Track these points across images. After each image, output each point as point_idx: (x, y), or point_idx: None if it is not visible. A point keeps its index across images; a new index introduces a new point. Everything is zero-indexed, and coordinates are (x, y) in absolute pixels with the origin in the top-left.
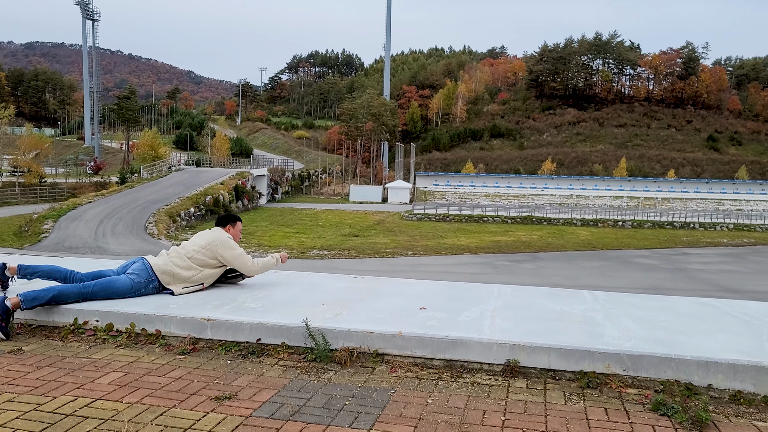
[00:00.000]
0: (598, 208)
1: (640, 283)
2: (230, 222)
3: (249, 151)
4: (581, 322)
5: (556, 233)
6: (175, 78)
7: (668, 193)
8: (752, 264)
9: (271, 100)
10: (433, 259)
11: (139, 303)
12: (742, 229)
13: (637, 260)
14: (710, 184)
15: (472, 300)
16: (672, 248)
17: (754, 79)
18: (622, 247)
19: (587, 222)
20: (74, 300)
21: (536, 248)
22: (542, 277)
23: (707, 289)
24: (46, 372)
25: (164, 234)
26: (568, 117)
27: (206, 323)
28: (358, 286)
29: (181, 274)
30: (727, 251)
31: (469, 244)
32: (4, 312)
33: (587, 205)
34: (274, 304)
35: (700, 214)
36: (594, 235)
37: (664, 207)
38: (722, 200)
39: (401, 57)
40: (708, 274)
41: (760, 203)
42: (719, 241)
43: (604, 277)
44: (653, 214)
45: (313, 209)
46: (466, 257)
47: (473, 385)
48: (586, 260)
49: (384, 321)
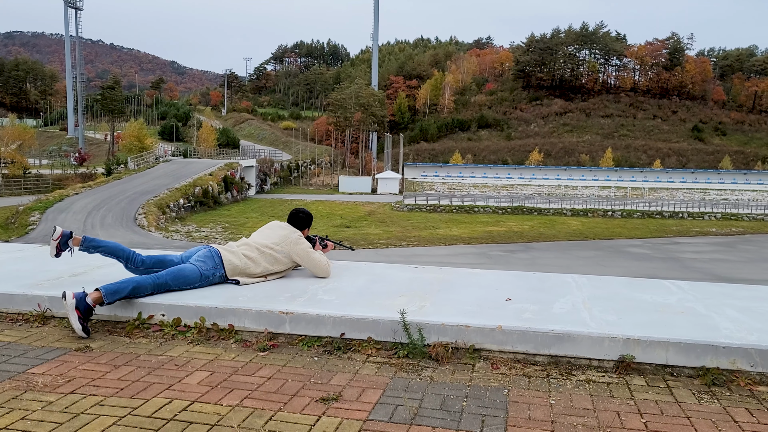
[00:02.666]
0: (587, 198)
1: (635, 273)
2: (306, 227)
3: (236, 142)
4: (685, 314)
5: (547, 223)
6: (158, 68)
7: (655, 183)
8: (743, 253)
9: (256, 91)
10: (427, 250)
11: (207, 296)
12: (730, 218)
13: (630, 249)
14: (696, 174)
15: (552, 290)
16: (663, 237)
17: (738, 69)
18: (614, 237)
19: (577, 212)
20: (150, 292)
21: (529, 238)
22: (538, 267)
23: (703, 279)
24: (125, 371)
25: (154, 226)
26: (554, 107)
27: (285, 317)
28: (425, 276)
29: (251, 267)
30: (718, 240)
31: (462, 235)
32: (86, 310)
33: (575, 195)
34: (349, 296)
35: (688, 203)
36: (585, 224)
37: (651, 197)
38: (708, 190)
39: (387, 47)
40: (701, 263)
41: (744, 193)
42: (708, 230)
43: (599, 267)
44: (642, 203)
45: (303, 200)
46: (460, 248)
47: (589, 384)
48: (580, 250)
49: (475, 314)
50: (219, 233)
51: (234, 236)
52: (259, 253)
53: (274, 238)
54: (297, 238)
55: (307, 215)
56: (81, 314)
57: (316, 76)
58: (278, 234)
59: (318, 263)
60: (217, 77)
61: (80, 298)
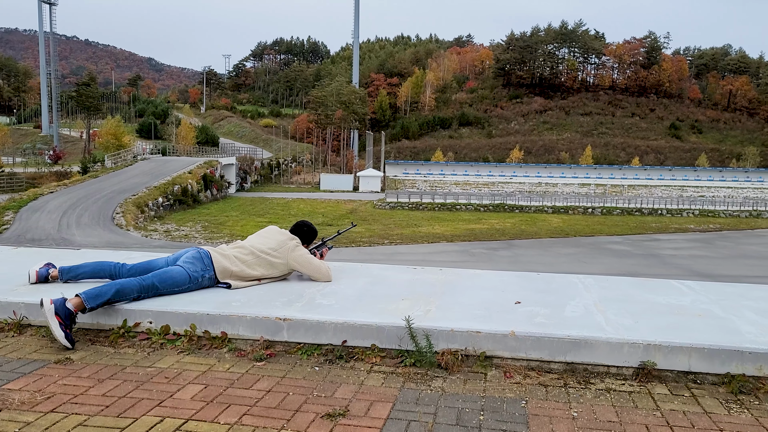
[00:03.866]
0: (567, 196)
1: (616, 269)
2: (308, 242)
3: (215, 140)
4: (703, 317)
5: (529, 221)
6: (134, 65)
7: (633, 180)
8: (721, 249)
9: (236, 88)
10: (410, 248)
11: (198, 301)
12: (707, 215)
13: (611, 246)
14: (673, 171)
15: (560, 292)
16: (642, 234)
17: (713, 68)
18: (595, 234)
19: (558, 209)
20: (135, 296)
21: (511, 236)
22: (520, 264)
23: (683, 275)
24: (110, 386)
25: (133, 225)
26: (535, 105)
27: (282, 323)
28: (426, 277)
29: (245, 270)
30: (696, 237)
31: (445, 232)
32: (67, 316)
33: (556, 192)
34: (349, 300)
35: (666, 200)
36: (565, 222)
37: (630, 194)
38: (685, 187)
39: (368, 45)
40: (681, 260)
41: (720, 190)
42: (687, 227)
43: (580, 264)
44: (621, 201)
45: (284, 198)
46: (443, 245)
47: (609, 393)
48: (561, 247)
49: (484, 318)
50: (199, 232)
51: (214, 235)
52: (255, 257)
53: (272, 243)
54: (295, 245)
55: (311, 229)
56: (62, 321)
57: (296, 74)
58: (276, 239)
59: (319, 268)
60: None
61: (59, 304)
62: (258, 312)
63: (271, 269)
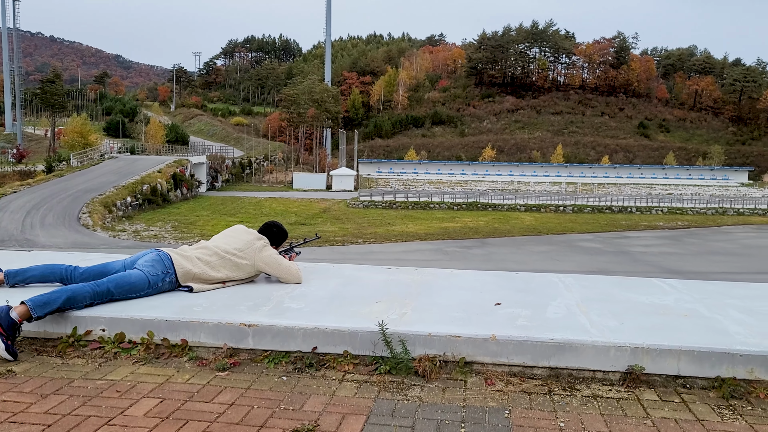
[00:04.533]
0: (539, 194)
1: (588, 267)
2: (277, 244)
3: (185, 138)
4: (689, 317)
5: (502, 219)
6: (101, 62)
7: (603, 178)
8: (689, 246)
9: (206, 86)
10: (383, 247)
11: (156, 306)
12: (675, 212)
13: (582, 244)
14: (642, 169)
15: (541, 292)
16: (613, 232)
17: (680, 68)
18: (566, 232)
19: (530, 207)
20: (88, 303)
21: (484, 234)
22: (494, 262)
23: (653, 272)
24: (55, 402)
25: (100, 225)
26: (506, 105)
27: (247, 330)
28: (401, 278)
29: (208, 272)
30: (665, 234)
31: (418, 231)
32: (10, 326)
33: (528, 191)
34: (320, 304)
35: (636, 198)
36: (538, 220)
37: (600, 192)
38: (653, 185)
39: (340, 43)
40: (650, 257)
41: (687, 187)
42: (656, 224)
43: (552, 261)
44: (591, 199)
45: (256, 197)
46: (417, 244)
47: (596, 400)
48: (534, 245)
49: (463, 321)
50: (168, 232)
51: (184, 235)
52: (219, 258)
53: (238, 244)
54: (263, 245)
55: (280, 230)
56: (4, 331)
57: (267, 72)
58: (242, 239)
59: (288, 269)
60: (165, 72)
61: (2, 312)
62: (221, 317)
63: (236, 271)
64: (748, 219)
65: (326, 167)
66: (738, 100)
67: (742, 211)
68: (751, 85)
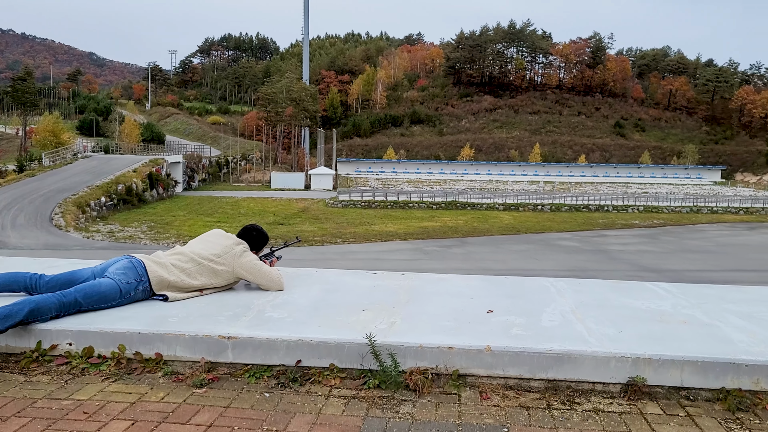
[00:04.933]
0: (517, 193)
1: (566, 265)
2: (258, 248)
3: (161, 137)
4: (688, 323)
5: (481, 218)
6: (75, 60)
7: (580, 177)
8: (665, 244)
9: (182, 85)
10: (363, 247)
11: (128, 317)
12: (651, 210)
13: (560, 243)
14: (618, 168)
15: (533, 298)
16: (590, 230)
17: (654, 68)
18: (545, 231)
19: (509, 206)
20: (55, 314)
21: (463, 233)
22: (473, 261)
23: (630, 270)
24: (15, 425)
25: (73, 226)
26: (484, 104)
27: (226, 342)
28: (387, 283)
29: (184, 280)
30: (641, 232)
31: (398, 231)
32: None
33: (506, 190)
34: (304, 312)
35: (612, 197)
36: (516, 219)
37: (577, 191)
38: (629, 184)
39: (318, 41)
40: (628, 255)
41: (662, 186)
42: (632, 222)
43: (531, 260)
44: (569, 197)
45: (234, 197)
46: (396, 244)
47: (598, 414)
48: (513, 244)
49: (456, 331)
50: (144, 232)
51: (161, 236)
52: (196, 265)
53: (215, 249)
54: (242, 250)
55: (261, 234)
56: None
57: (244, 70)
58: (221, 244)
59: (269, 276)
60: (140, 70)
61: None
62: (199, 329)
63: (214, 278)
64: (721, 217)
65: (305, 166)
66: (711, 100)
67: (716, 210)
68: (723, 85)
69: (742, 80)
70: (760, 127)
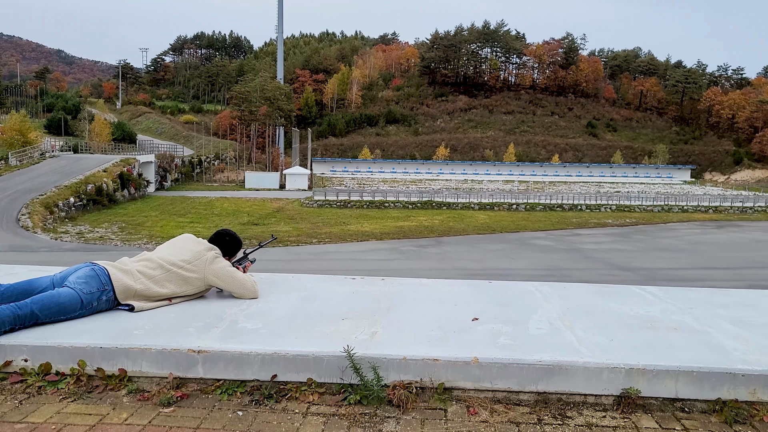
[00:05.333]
0: (492, 192)
1: (542, 264)
2: (231, 254)
3: (133, 137)
4: (679, 330)
5: (456, 217)
6: (42, 57)
7: (554, 177)
8: (637, 243)
9: (154, 83)
10: (338, 247)
11: (90, 329)
12: (624, 210)
13: (535, 242)
14: (590, 168)
15: (518, 304)
16: (564, 229)
17: (626, 69)
18: (520, 230)
19: (484, 206)
20: (9, 328)
21: (439, 233)
22: (449, 261)
23: (603, 268)
24: None
25: (41, 227)
26: (459, 104)
27: (196, 356)
28: (367, 289)
29: (151, 288)
30: (614, 231)
31: (374, 230)
32: None
33: (481, 189)
34: (279, 323)
35: (585, 196)
36: (491, 218)
37: (551, 190)
38: (602, 183)
39: (292, 40)
40: (601, 254)
41: (634, 185)
42: (605, 221)
43: (507, 259)
44: (543, 197)
45: (207, 197)
46: (372, 243)
47: (591, 429)
48: (488, 243)
49: (440, 341)
50: (115, 233)
51: (132, 236)
52: (164, 272)
53: (185, 255)
54: (214, 256)
55: (233, 239)
56: None
57: (218, 69)
58: (191, 249)
59: (243, 283)
60: (110, 68)
61: None
62: (166, 342)
63: (184, 286)
64: (692, 216)
65: (279, 166)
66: (680, 101)
67: (687, 208)
68: (692, 86)
69: (710, 82)
70: (727, 127)
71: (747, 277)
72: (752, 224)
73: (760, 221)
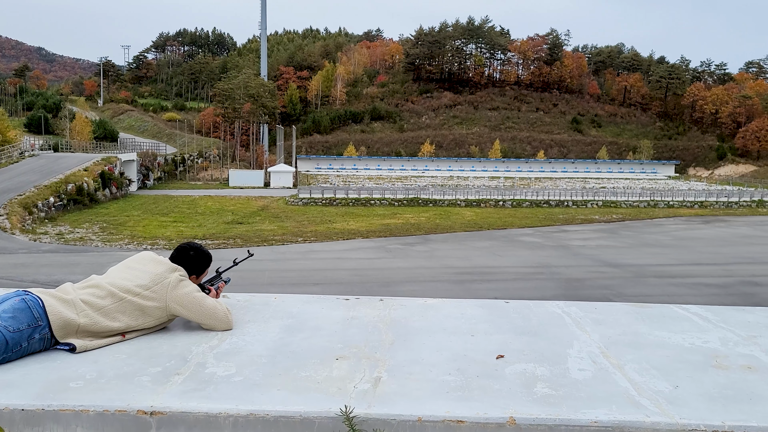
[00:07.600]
0: (479, 189)
1: (530, 262)
2: (198, 272)
3: (114, 135)
4: (754, 370)
5: (443, 214)
6: (22, 55)
7: (539, 173)
8: (624, 239)
9: (136, 81)
10: (324, 245)
11: (11, 381)
12: (610, 205)
13: (522, 239)
14: (576, 163)
15: (549, 333)
16: (551, 226)
17: (610, 65)
18: (506, 226)
19: (470, 202)
20: None
21: (426, 230)
22: (436, 259)
23: (591, 265)
24: None
25: (19, 227)
26: (444, 100)
27: (149, 420)
28: (364, 313)
29: (100, 322)
30: (601, 227)
31: (360, 228)
32: None
33: (467, 186)
34: (258, 366)
35: (572, 192)
36: (478, 215)
37: (537, 186)
38: (587, 179)
39: (276, 37)
40: (589, 250)
41: (619, 181)
42: (592, 217)
43: (494, 257)
44: (529, 193)
45: (191, 196)
46: (358, 242)
47: None
48: (475, 240)
49: (461, 390)
50: (96, 234)
51: (113, 237)
52: (116, 301)
53: (142, 279)
54: (178, 279)
55: (200, 254)
56: None
57: (201, 66)
58: (149, 272)
59: (213, 312)
60: (91, 66)
61: None
62: (110, 399)
63: (141, 318)
64: (677, 211)
65: (264, 164)
66: (664, 97)
67: (672, 204)
68: (675, 82)
69: (694, 77)
70: (711, 122)
71: (737, 272)
72: (738, 219)
73: (745, 216)
